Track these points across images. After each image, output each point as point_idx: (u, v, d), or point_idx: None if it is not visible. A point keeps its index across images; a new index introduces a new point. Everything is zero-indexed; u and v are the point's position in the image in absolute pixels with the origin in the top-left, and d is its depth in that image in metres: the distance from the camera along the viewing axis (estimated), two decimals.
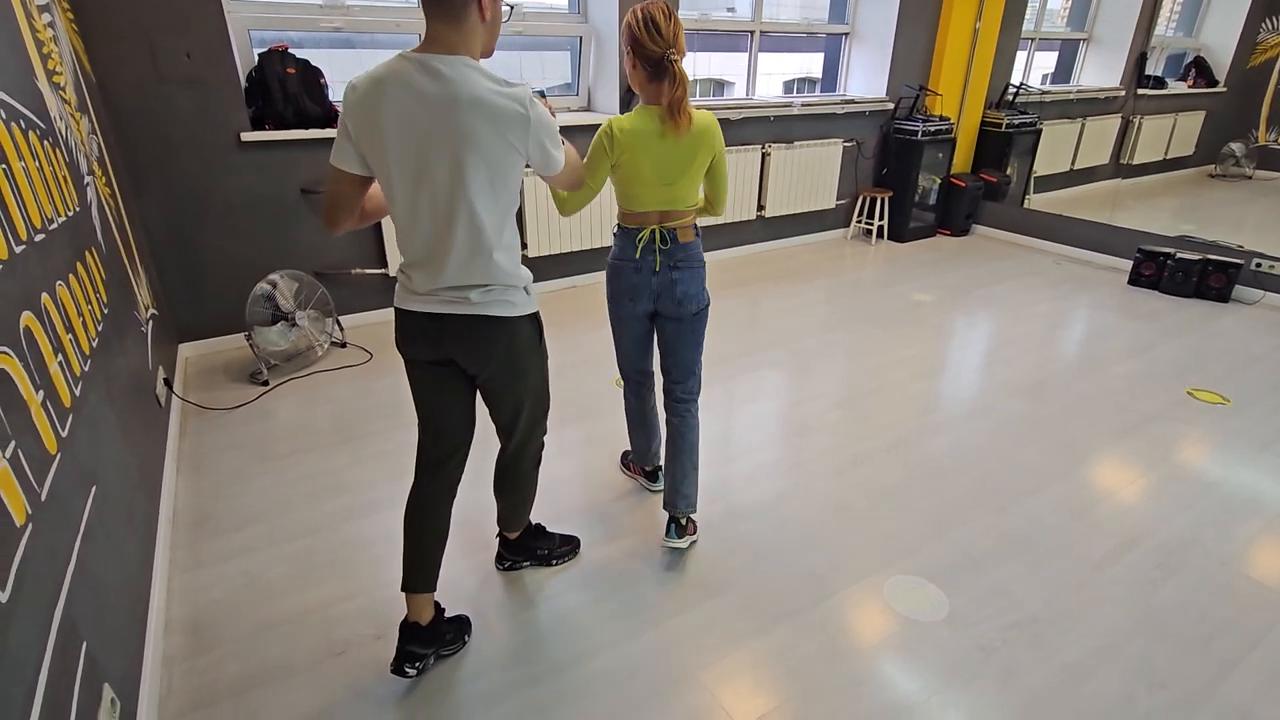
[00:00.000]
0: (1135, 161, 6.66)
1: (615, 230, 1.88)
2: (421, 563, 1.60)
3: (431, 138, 1.27)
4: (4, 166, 1.39)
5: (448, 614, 1.69)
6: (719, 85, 7.70)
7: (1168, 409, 2.83)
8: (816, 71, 6.30)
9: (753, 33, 4.68)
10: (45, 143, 1.75)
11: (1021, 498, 2.27)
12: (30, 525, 1.11)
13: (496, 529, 1.91)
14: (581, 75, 4.12)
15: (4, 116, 1.46)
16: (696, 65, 4.10)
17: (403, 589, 1.59)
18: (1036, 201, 5.81)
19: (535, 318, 1.52)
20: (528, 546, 1.93)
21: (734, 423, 2.75)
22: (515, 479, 1.75)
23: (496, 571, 1.93)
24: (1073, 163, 6.43)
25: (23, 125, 1.58)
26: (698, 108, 1.70)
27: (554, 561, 1.96)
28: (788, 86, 6.65)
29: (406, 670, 1.55)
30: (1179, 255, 4.09)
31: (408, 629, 1.58)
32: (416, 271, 1.40)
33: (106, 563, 1.45)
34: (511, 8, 1.41)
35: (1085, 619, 1.78)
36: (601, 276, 1.98)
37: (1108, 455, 2.52)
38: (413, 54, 1.28)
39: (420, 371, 1.53)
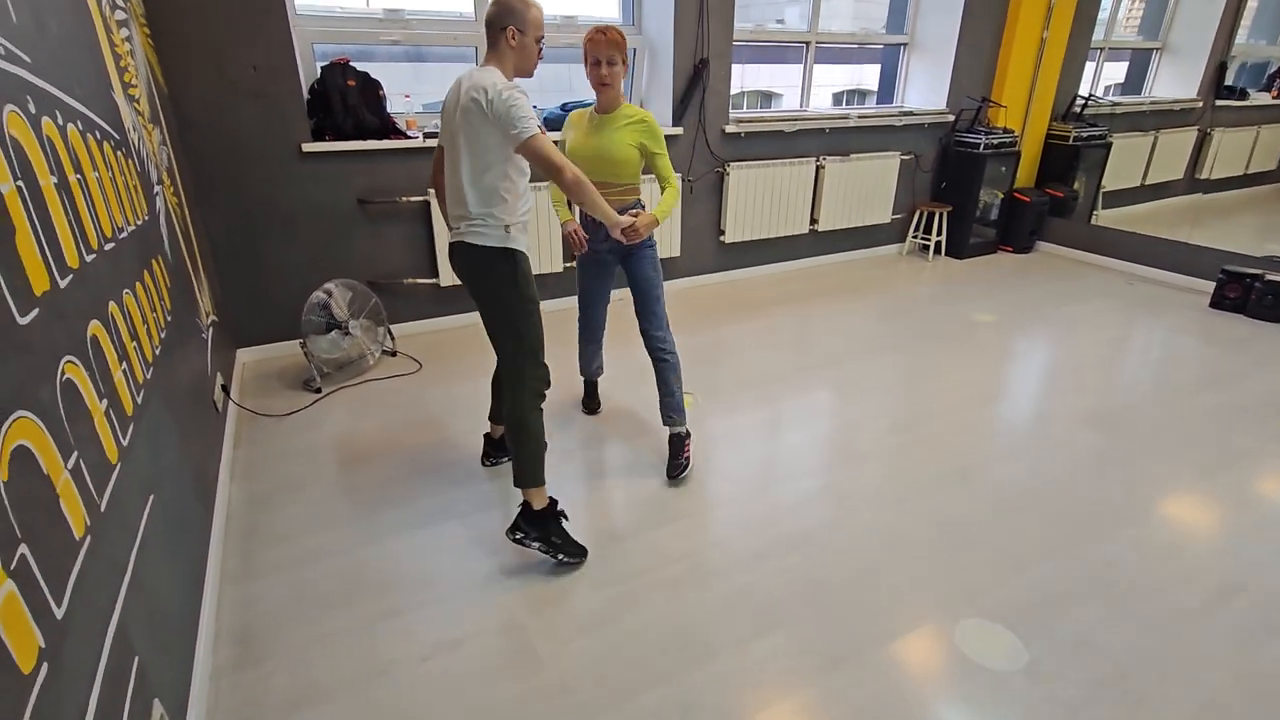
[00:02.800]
0: (1213, 176, 6.30)
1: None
2: (499, 405, 2.30)
3: (452, 114, 1.84)
4: (78, 176, 1.41)
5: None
6: (766, 97, 7.60)
7: (1264, 445, 2.61)
8: (868, 83, 6.16)
9: (808, 44, 4.59)
10: (119, 153, 1.78)
11: (1101, 535, 2.11)
12: (89, 538, 1.10)
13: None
14: (634, 87, 4.10)
15: (81, 128, 1.49)
16: (745, 77, 4.05)
17: (489, 418, 2.40)
18: (1105, 218, 5.53)
19: (511, 255, 1.88)
20: (544, 527, 1.96)
21: (786, 445, 2.65)
22: (509, 423, 2.01)
23: (545, 597, 1.87)
24: (1144, 177, 6.12)
25: (98, 136, 1.62)
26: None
27: (559, 556, 1.95)
28: (837, 98, 6.53)
29: (485, 463, 2.44)
30: (1268, 277, 3.82)
31: (489, 440, 2.44)
32: (449, 207, 1.96)
33: (161, 573, 1.45)
34: (542, 42, 1.90)
35: (1180, 676, 1.63)
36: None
37: (1196, 493, 2.34)
38: (473, 67, 1.88)
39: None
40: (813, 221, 4.65)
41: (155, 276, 1.90)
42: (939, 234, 5.01)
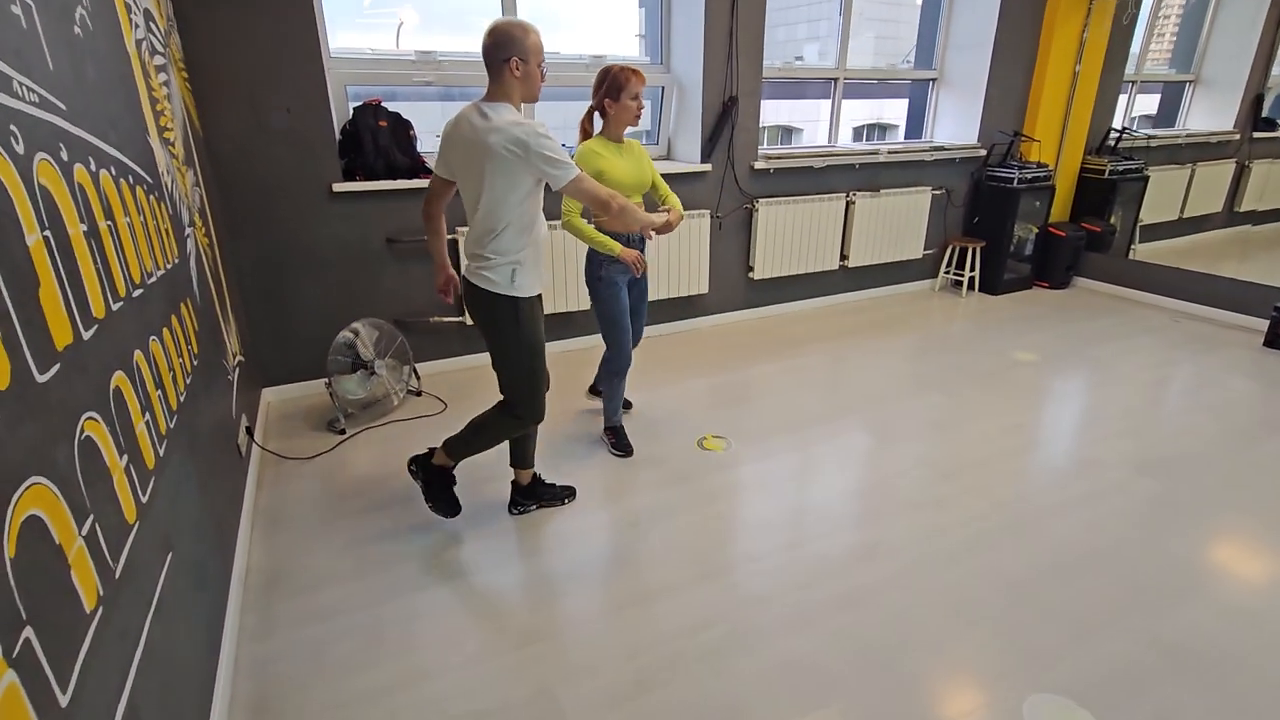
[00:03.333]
0: (1260, 208, 6.13)
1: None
2: (521, 449, 2.30)
3: (473, 152, 1.84)
4: (109, 223, 1.37)
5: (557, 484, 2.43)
6: (786, 131, 7.61)
7: None
8: (887, 117, 6.11)
9: (835, 80, 4.57)
10: (151, 197, 1.76)
11: (1176, 598, 1.95)
12: (101, 609, 1.03)
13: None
14: (663, 125, 4.09)
15: (114, 173, 1.47)
16: (765, 112, 4.04)
17: (511, 464, 2.34)
18: (1142, 252, 5.39)
19: (513, 301, 1.95)
20: (429, 476, 2.20)
21: (826, 493, 2.53)
22: (478, 420, 2.15)
23: (576, 663, 1.76)
24: (1181, 210, 5.97)
25: (131, 180, 1.59)
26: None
27: (429, 503, 2.21)
28: (857, 133, 6.53)
29: (512, 511, 2.34)
30: None
31: (516, 487, 2.36)
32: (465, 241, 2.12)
33: (176, 638, 1.36)
34: (546, 67, 1.92)
35: None
36: (683, 325, 1.94)
37: (1270, 549, 2.16)
38: (477, 102, 1.89)
39: None
40: (843, 257, 4.57)
41: (183, 320, 1.86)
42: (972, 269, 4.90)
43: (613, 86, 2.30)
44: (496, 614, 1.92)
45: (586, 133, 2.45)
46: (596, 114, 2.40)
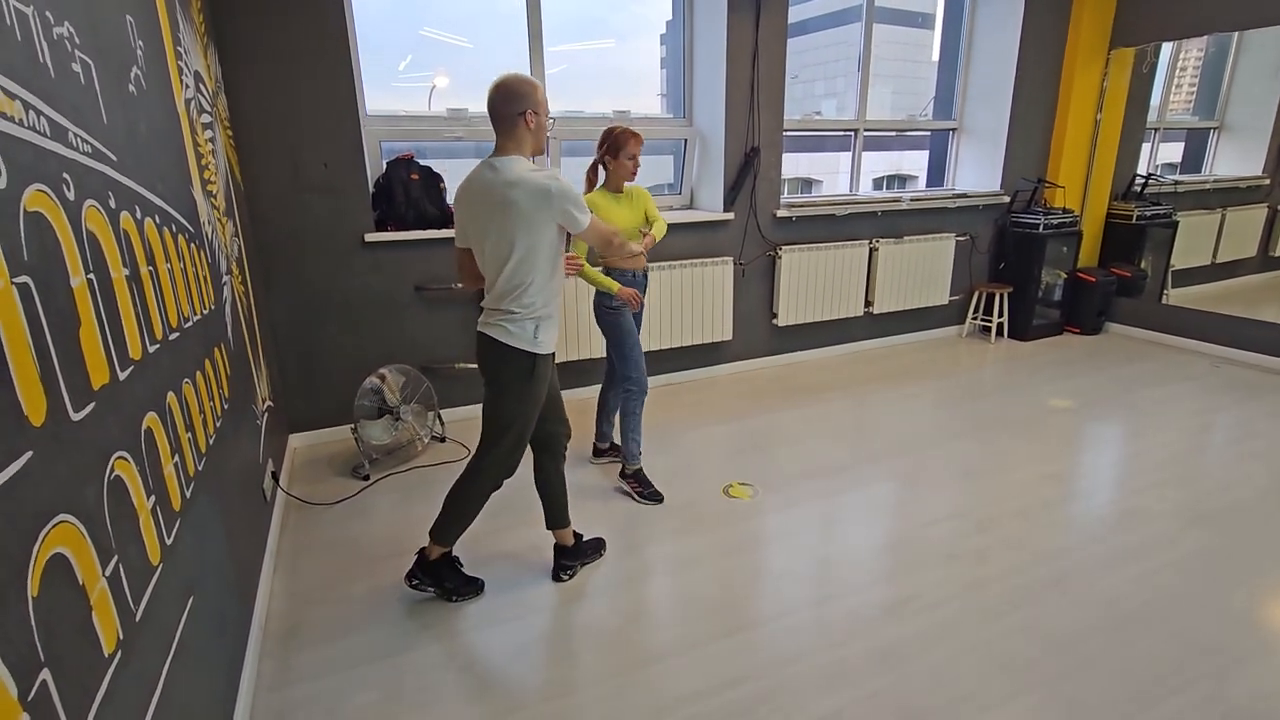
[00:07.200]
0: None
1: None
2: (555, 510, 2.20)
3: (491, 210, 1.84)
4: (150, 268, 1.42)
5: (585, 538, 2.32)
6: (806, 183, 7.75)
7: None
8: (907, 168, 6.17)
9: (856, 131, 4.64)
10: (192, 245, 1.82)
11: (1246, 661, 1.82)
12: (120, 652, 1.01)
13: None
14: (685, 175, 4.17)
15: (158, 221, 1.52)
16: (786, 165, 4.12)
17: (547, 526, 2.22)
18: (1175, 297, 5.28)
19: (530, 357, 1.92)
20: (438, 575, 2.10)
21: (855, 544, 2.44)
22: (460, 485, 2.05)
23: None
24: (1214, 255, 5.87)
25: (174, 229, 1.65)
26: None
27: (454, 598, 2.11)
28: (877, 183, 6.60)
29: (561, 577, 2.20)
30: None
31: (558, 550, 2.24)
32: (486, 298, 1.96)
33: (194, 684, 1.34)
34: (554, 120, 1.96)
35: None
36: (707, 372, 1.91)
37: None
38: (486, 159, 1.88)
39: None
40: (868, 303, 4.55)
41: (216, 364, 1.90)
42: (1000, 315, 4.84)
43: (613, 146, 2.48)
44: (518, 667, 1.86)
45: (591, 183, 2.61)
46: (600, 167, 2.57)
